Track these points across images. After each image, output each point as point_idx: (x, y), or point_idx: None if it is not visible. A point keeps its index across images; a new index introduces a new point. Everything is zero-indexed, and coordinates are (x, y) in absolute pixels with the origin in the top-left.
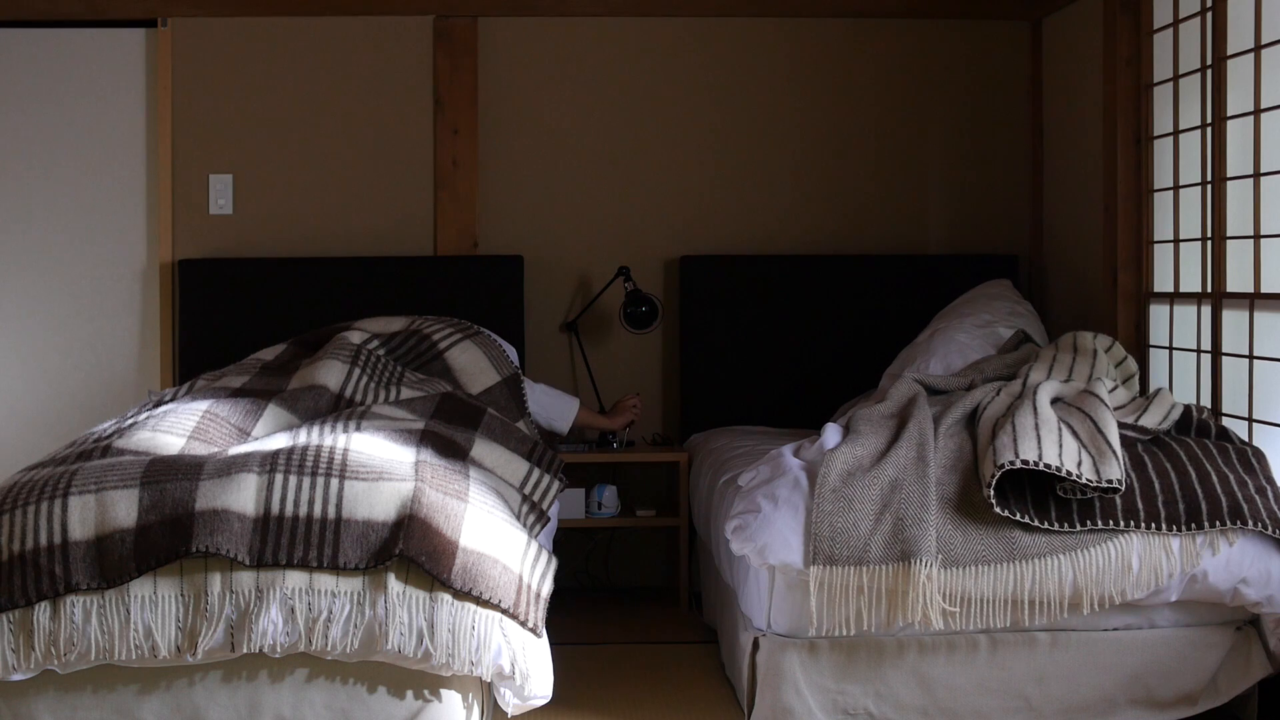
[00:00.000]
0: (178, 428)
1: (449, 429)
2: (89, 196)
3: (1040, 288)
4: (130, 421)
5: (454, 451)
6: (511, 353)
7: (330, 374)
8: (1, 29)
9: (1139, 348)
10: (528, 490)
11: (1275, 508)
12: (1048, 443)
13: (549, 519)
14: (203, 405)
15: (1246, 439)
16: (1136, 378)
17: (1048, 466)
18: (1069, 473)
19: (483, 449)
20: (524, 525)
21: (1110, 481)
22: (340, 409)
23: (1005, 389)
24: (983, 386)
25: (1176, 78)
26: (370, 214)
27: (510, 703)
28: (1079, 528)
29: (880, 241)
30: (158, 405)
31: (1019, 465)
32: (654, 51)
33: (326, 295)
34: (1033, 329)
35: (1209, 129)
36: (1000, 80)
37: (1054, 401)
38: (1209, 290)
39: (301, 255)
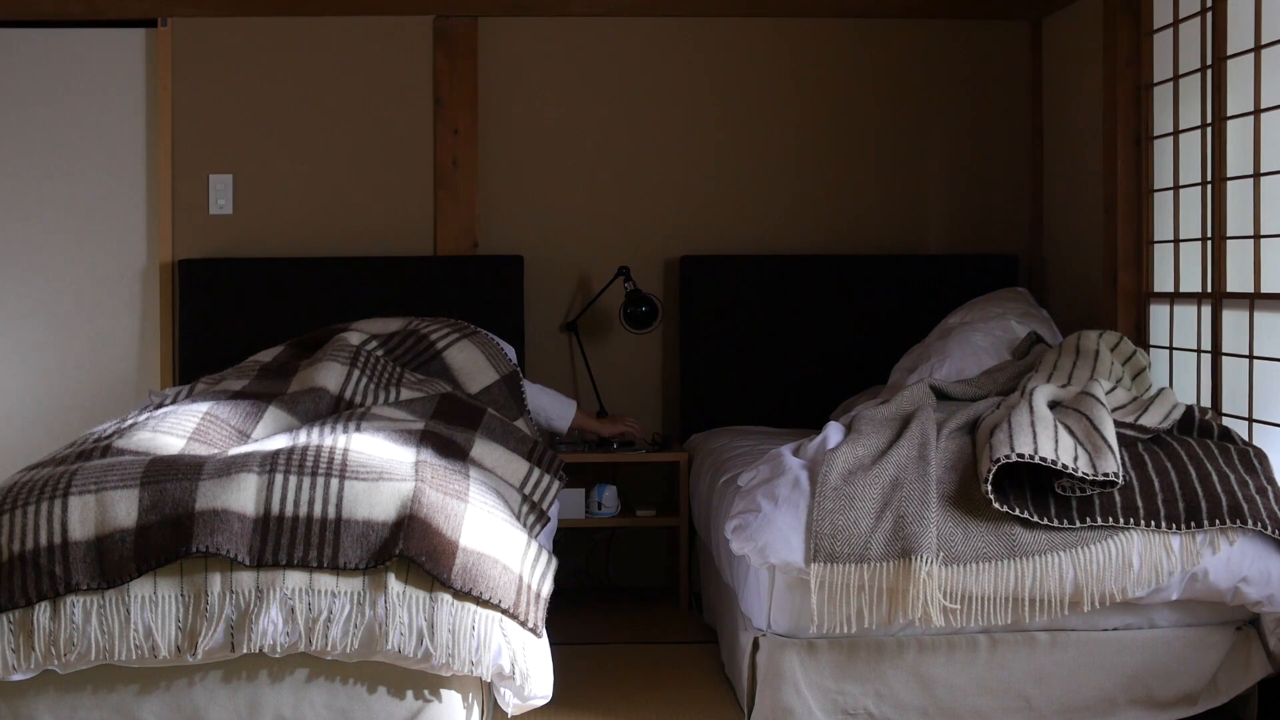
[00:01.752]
0: (178, 429)
1: (449, 429)
2: (89, 196)
3: (1040, 288)
4: (130, 422)
5: (454, 452)
6: (510, 351)
7: (330, 376)
8: (1, 29)
9: (1139, 347)
10: (528, 490)
11: (1276, 508)
12: (1043, 438)
13: (549, 519)
14: (203, 407)
15: (1247, 439)
16: (1150, 370)
17: (1044, 460)
18: (1065, 466)
19: (483, 449)
20: (524, 525)
21: (1107, 475)
22: (340, 410)
23: (1005, 402)
24: (990, 399)
25: (1176, 78)
26: (370, 214)
27: (510, 703)
28: (1079, 524)
29: (880, 241)
30: (158, 407)
31: (1014, 459)
32: (654, 51)
33: (326, 295)
34: (1046, 333)
35: (1209, 129)
36: (1000, 80)
37: (1053, 407)
38: (1209, 290)
39: (301, 255)
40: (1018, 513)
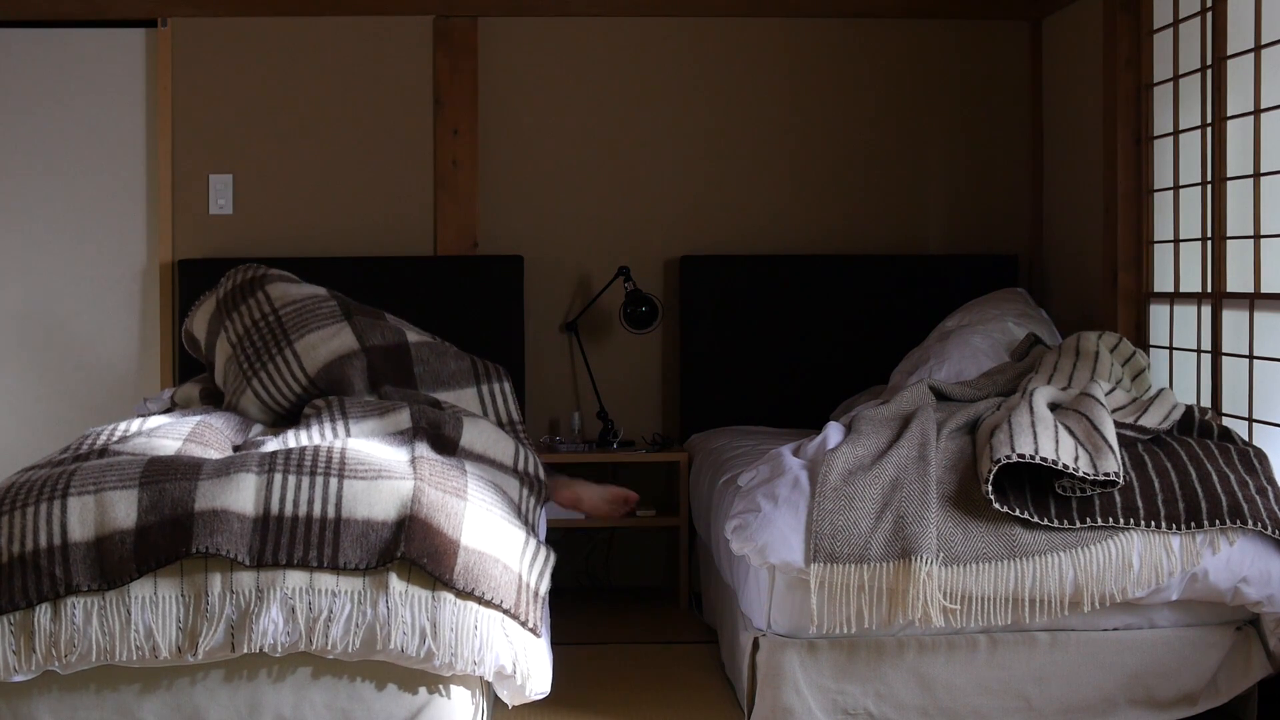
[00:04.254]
0: (174, 432)
1: (437, 415)
2: (89, 196)
3: (1040, 288)
4: (125, 427)
5: (446, 444)
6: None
7: (253, 409)
8: (1, 29)
9: (1139, 348)
10: (520, 466)
11: (1276, 508)
12: (1044, 438)
13: (548, 495)
14: (196, 415)
15: (1247, 439)
16: (1149, 370)
17: (1044, 460)
18: (1065, 465)
19: (472, 434)
20: (525, 507)
21: (1107, 474)
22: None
23: (1005, 403)
24: (989, 399)
25: (1176, 78)
26: (370, 214)
27: (510, 699)
28: (1079, 524)
29: (880, 241)
30: (150, 415)
31: (1014, 459)
32: (654, 51)
33: None
34: (1045, 334)
35: (1209, 129)
36: (1000, 80)
37: (1053, 408)
38: (1209, 290)
39: (301, 255)
40: (1018, 513)
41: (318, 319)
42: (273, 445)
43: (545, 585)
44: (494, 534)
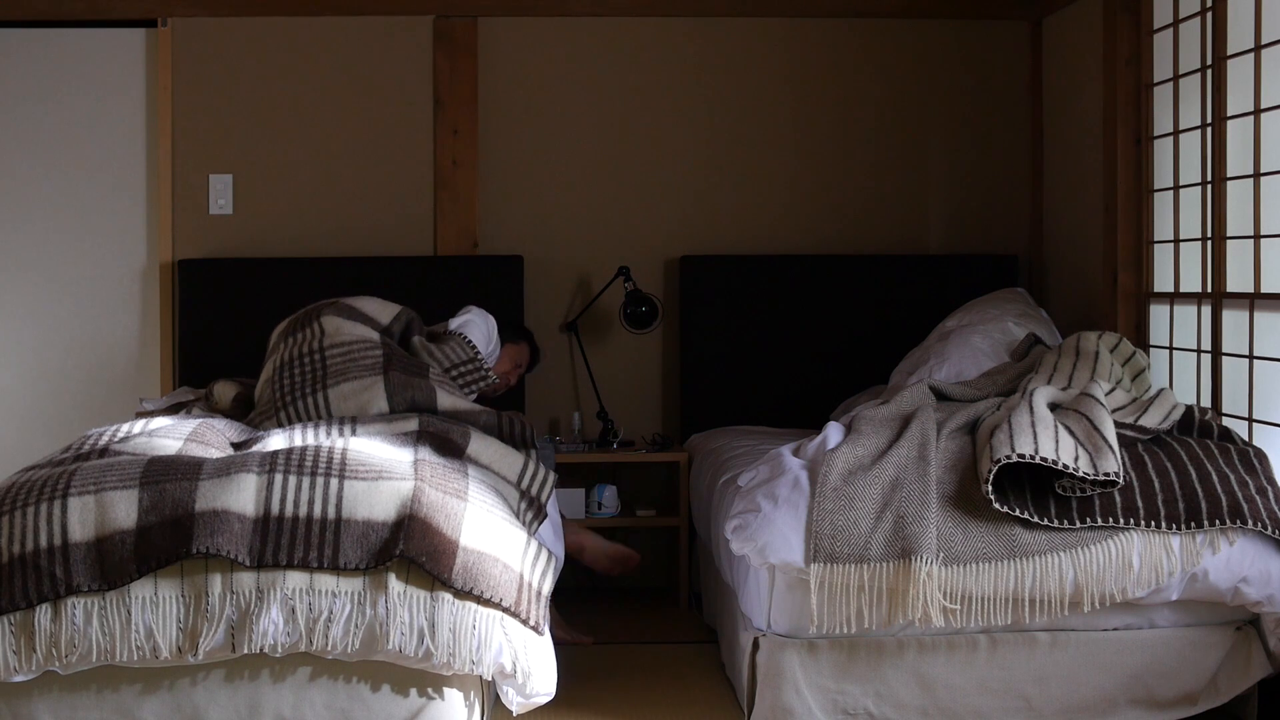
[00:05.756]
0: (175, 432)
1: (444, 424)
2: (89, 196)
3: (1040, 288)
4: (125, 427)
5: (451, 449)
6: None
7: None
8: (1, 29)
9: (1139, 348)
10: (524, 485)
11: (1275, 508)
12: (1044, 438)
13: (547, 514)
14: (197, 416)
15: (1247, 439)
16: (1149, 370)
17: (1044, 460)
18: (1065, 465)
19: (479, 444)
20: (523, 522)
21: (1107, 474)
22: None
23: (1005, 403)
24: (989, 399)
25: (1176, 78)
26: (370, 214)
27: (514, 701)
28: (1079, 524)
29: (880, 241)
30: (150, 415)
31: (1014, 459)
32: (654, 51)
33: (326, 295)
34: (1045, 333)
35: (1209, 129)
36: (1000, 80)
37: (1053, 408)
38: (1209, 290)
39: (301, 255)
40: (1018, 513)
41: (357, 370)
42: (274, 444)
43: (549, 585)
44: (494, 534)
